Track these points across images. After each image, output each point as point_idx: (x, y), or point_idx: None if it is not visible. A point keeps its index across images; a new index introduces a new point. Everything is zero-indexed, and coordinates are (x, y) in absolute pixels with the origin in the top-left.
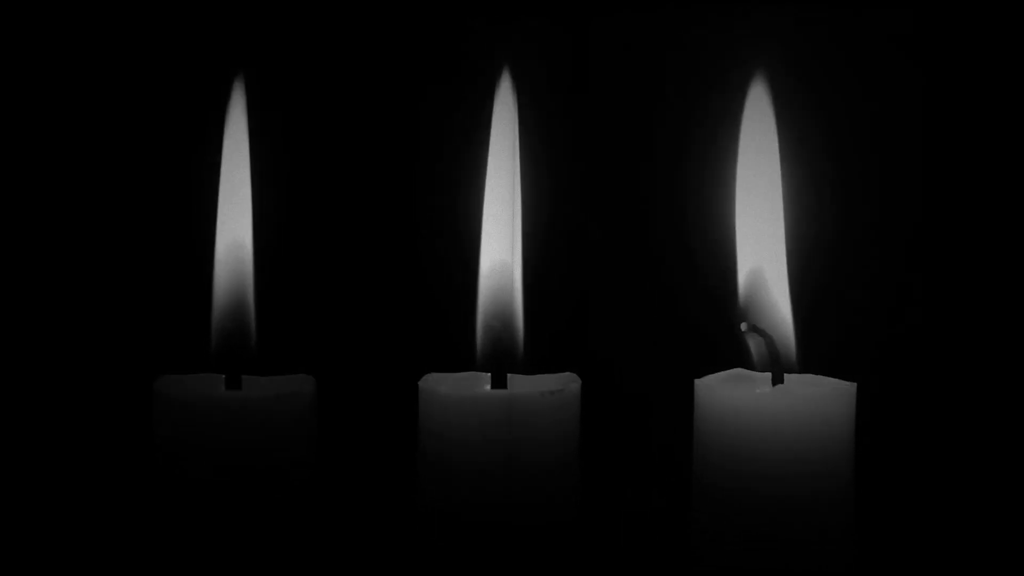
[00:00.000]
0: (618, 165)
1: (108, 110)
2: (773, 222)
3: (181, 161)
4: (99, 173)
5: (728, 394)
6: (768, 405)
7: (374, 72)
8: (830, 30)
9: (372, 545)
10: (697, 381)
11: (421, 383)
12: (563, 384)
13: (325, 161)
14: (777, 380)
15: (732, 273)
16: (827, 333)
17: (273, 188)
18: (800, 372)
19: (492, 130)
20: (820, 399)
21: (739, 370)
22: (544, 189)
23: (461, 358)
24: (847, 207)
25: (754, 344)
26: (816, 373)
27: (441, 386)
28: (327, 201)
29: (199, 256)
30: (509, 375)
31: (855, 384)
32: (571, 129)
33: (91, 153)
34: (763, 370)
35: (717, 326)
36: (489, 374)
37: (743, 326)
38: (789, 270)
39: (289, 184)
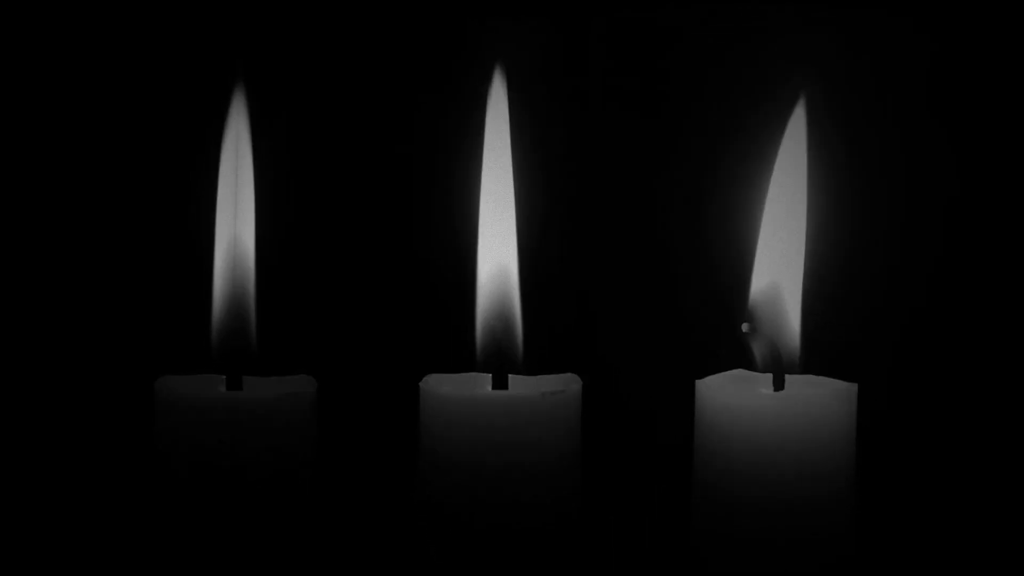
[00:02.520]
0: (618, 165)
1: (109, 110)
2: (795, 234)
3: (182, 161)
4: (100, 173)
5: (729, 394)
6: (769, 405)
7: (372, 72)
8: (837, 33)
9: (372, 545)
10: (698, 382)
11: (422, 384)
12: (564, 385)
13: (325, 161)
14: (778, 381)
15: (739, 274)
16: (828, 334)
17: (273, 188)
18: (801, 373)
19: (489, 129)
20: (821, 400)
21: (740, 371)
22: (544, 188)
23: (462, 359)
24: (849, 209)
25: (756, 345)
26: (817, 374)
27: (442, 387)
28: (327, 201)
29: (200, 256)
30: (510, 376)
31: (856, 385)
32: (572, 129)
33: (92, 153)
34: (765, 371)
35: (719, 326)
36: (490, 375)
37: (744, 327)
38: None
39: (289, 185)
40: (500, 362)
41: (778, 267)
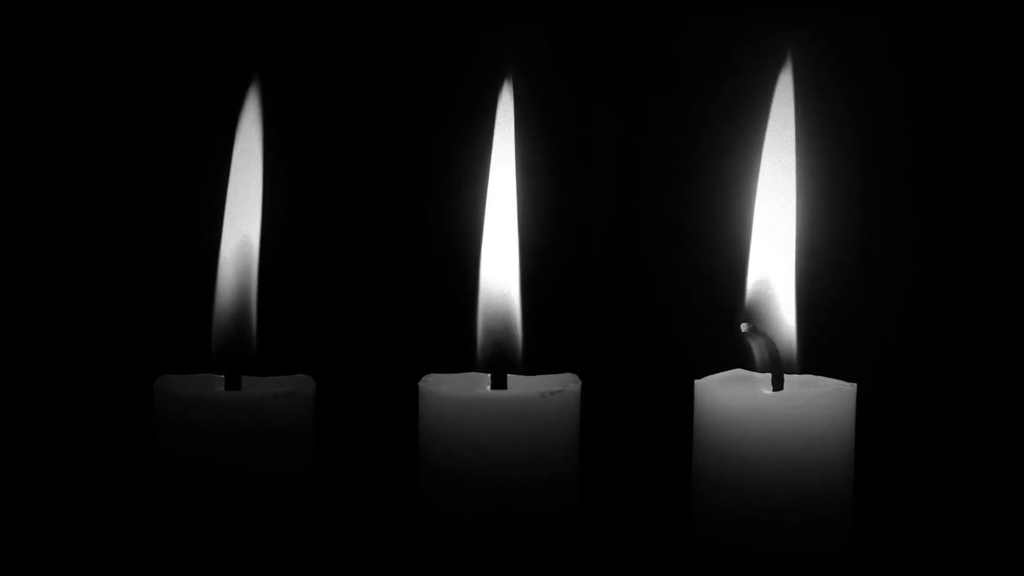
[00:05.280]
0: (618, 165)
1: (112, 108)
2: (786, 227)
3: (183, 161)
4: (102, 172)
5: (728, 395)
6: (768, 406)
7: (374, 73)
8: (838, 32)
9: (372, 546)
10: (697, 382)
11: (421, 383)
12: (563, 385)
13: (325, 162)
14: (777, 381)
15: (736, 273)
16: (827, 333)
17: (272, 189)
18: (800, 373)
19: (493, 131)
20: (820, 400)
21: (739, 371)
22: (544, 189)
23: (461, 359)
24: (848, 208)
25: (755, 345)
26: (816, 374)
27: (441, 387)
28: (327, 202)
29: (200, 256)
30: (509, 376)
31: (855, 385)
32: (570, 129)
33: (94, 152)
34: (763, 371)
35: (718, 326)
36: (489, 375)
37: (743, 327)
38: (795, 273)
39: (289, 185)
40: (499, 362)
41: (773, 265)
